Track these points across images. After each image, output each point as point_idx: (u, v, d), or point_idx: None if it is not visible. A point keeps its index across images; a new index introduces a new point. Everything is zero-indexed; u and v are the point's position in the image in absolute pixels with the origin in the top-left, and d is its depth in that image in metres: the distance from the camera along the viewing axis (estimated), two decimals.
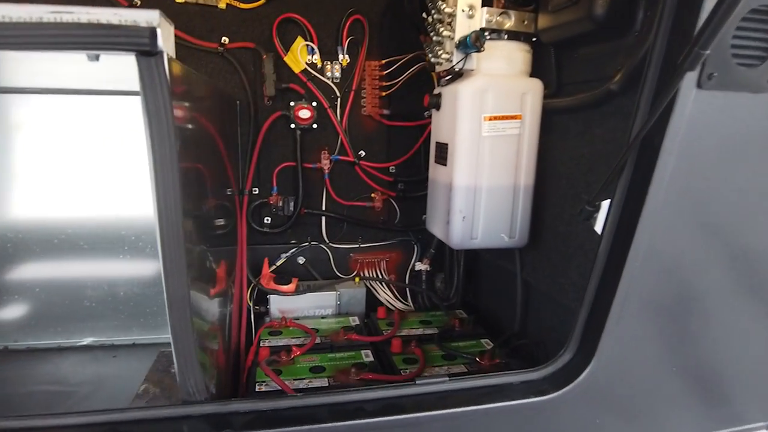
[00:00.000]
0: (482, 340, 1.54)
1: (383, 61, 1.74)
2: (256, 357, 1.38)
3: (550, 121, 1.32)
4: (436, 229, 1.44)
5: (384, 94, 1.76)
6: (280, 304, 1.70)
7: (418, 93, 1.77)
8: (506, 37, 1.26)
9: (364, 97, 1.76)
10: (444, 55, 1.26)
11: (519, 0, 1.26)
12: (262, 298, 1.72)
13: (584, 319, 1.04)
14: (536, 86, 1.28)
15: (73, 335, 1.67)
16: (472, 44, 1.16)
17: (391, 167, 1.83)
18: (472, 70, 1.27)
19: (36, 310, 1.65)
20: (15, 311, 1.66)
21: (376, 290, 1.87)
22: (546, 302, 1.43)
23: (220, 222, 1.42)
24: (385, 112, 1.78)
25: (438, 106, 1.37)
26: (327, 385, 1.26)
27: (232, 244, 1.63)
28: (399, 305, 1.88)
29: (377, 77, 1.74)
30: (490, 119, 1.25)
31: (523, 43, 1.28)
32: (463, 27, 1.23)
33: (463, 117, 1.25)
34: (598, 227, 0.98)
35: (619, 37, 1.06)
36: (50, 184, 1.55)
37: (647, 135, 0.89)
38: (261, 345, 1.47)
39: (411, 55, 1.73)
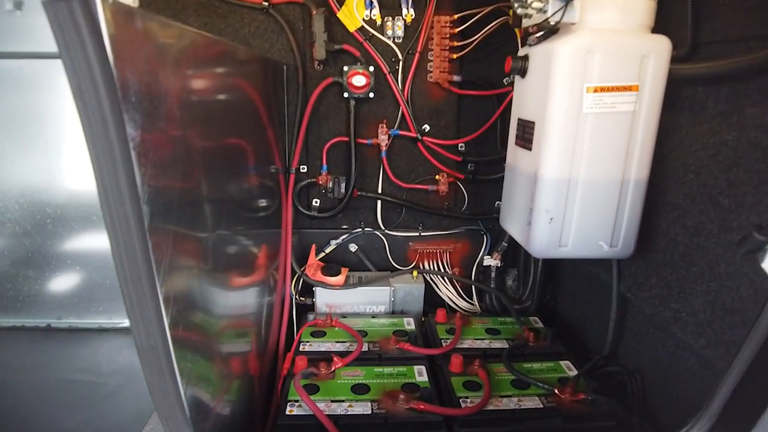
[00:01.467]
0: (562, 363, 1.26)
1: (456, 16, 1.43)
2: (292, 366, 1.20)
3: (676, 94, 0.98)
4: (512, 227, 1.16)
5: (455, 56, 1.46)
6: (327, 298, 1.51)
7: (497, 55, 1.47)
8: None
9: (431, 61, 1.47)
10: (536, 4, 0.95)
11: None
12: (308, 290, 1.53)
13: (733, 387, 0.73)
14: (662, 46, 0.94)
15: (114, 316, 1.59)
16: None
17: (460, 144, 1.55)
18: (573, 23, 0.95)
19: (79, 289, 1.58)
20: (58, 287, 1.59)
21: (436, 285, 1.63)
22: (649, 327, 1.12)
23: (261, 203, 1.23)
24: (456, 78, 1.48)
25: (523, 72, 1.07)
26: (370, 412, 1.05)
27: (275, 227, 1.45)
28: (462, 304, 1.63)
29: (448, 36, 1.44)
30: (596, 90, 0.94)
31: None
32: None
33: (558, 86, 0.94)
34: None
35: None
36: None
37: None
38: (300, 348, 1.29)
39: (490, 8, 1.41)
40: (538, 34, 1.02)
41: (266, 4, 1.41)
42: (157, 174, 0.58)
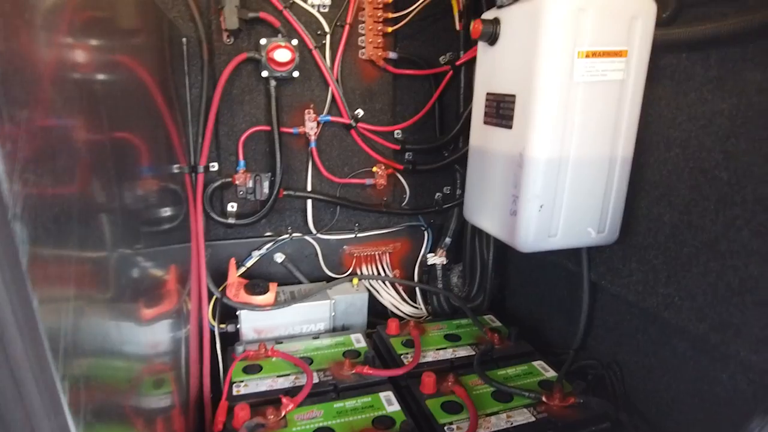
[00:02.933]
0: (535, 363, 1.15)
1: None
2: (229, 419, 0.93)
3: (659, 61, 0.90)
4: (486, 220, 1.01)
5: (390, 30, 1.28)
6: (254, 322, 1.24)
7: (432, 30, 1.32)
8: None
9: (363, 35, 1.28)
10: None
11: None
12: (230, 314, 1.25)
13: None
14: (649, 6, 0.85)
15: None
16: None
17: (396, 132, 1.37)
18: None
19: None
20: None
21: (377, 291, 1.44)
22: (627, 314, 1.05)
23: (163, 212, 0.94)
24: (392, 55, 1.30)
25: (494, 39, 0.92)
26: None
27: (184, 241, 1.15)
28: (408, 309, 1.46)
29: (381, 6, 1.26)
30: (587, 56, 0.82)
31: None
32: None
33: (548, 51, 0.81)
34: None
35: None
36: None
37: None
38: (234, 392, 1.02)
39: None
40: None
41: None
42: (25, 180, 0.32)
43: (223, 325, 1.24)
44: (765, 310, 0.78)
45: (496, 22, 0.91)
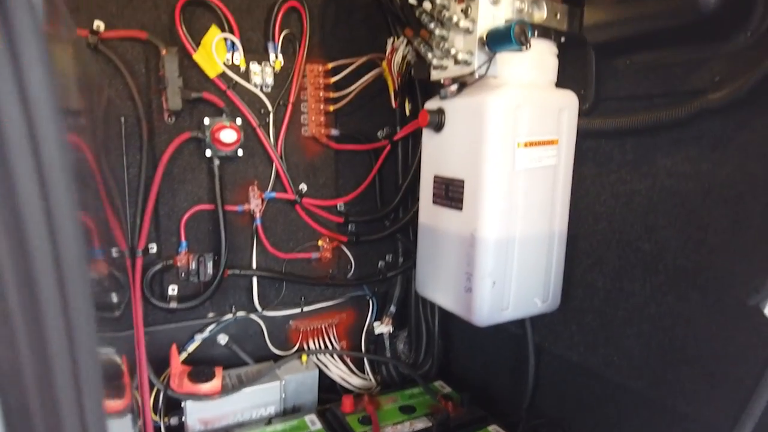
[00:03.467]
0: (490, 428, 1.18)
1: (330, 65, 1.31)
2: None
3: (582, 146, 1.02)
4: (440, 296, 1.05)
5: (331, 108, 1.33)
6: (201, 413, 1.16)
7: (370, 107, 1.39)
8: (536, 33, 0.93)
9: (305, 113, 1.31)
10: (461, 56, 0.89)
11: None
12: (174, 406, 1.16)
13: None
14: (573, 101, 0.97)
15: None
16: (515, 40, 0.81)
17: (339, 204, 1.40)
18: (495, 77, 0.92)
19: None
20: None
21: (326, 366, 1.42)
22: (571, 374, 1.12)
23: (107, 300, 0.87)
24: (334, 132, 1.34)
25: (440, 126, 0.99)
26: None
27: (127, 329, 1.07)
28: (356, 382, 1.44)
29: (322, 86, 1.31)
30: (526, 145, 0.91)
31: (552, 44, 0.97)
32: (487, 17, 0.88)
33: (493, 142, 0.89)
34: None
35: (714, 38, 0.79)
36: None
37: None
38: None
39: (364, 58, 1.33)
40: (454, 87, 0.97)
41: (94, 38, 1.07)
42: None
43: (167, 419, 1.15)
44: (691, 367, 0.88)
45: (440, 112, 0.99)
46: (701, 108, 0.81)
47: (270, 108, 1.26)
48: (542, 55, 0.94)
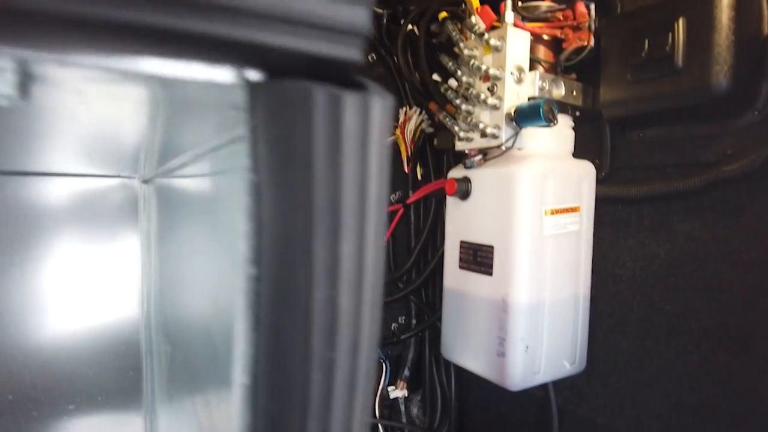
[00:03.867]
0: None
1: None
2: None
3: (599, 212, 1.07)
4: (470, 360, 1.05)
5: None
6: None
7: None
8: (552, 101, 0.99)
9: None
10: (489, 130, 0.94)
11: (562, 64, 1.02)
12: None
13: None
14: (591, 170, 1.03)
15: None
16: (544, 117, 0.87)
17: None
18: (519, 149, 0.97)
19: None
20: None
21: None
22: None
23: None
24: None
25: (466, 195, 1.04)
26: None
27: None
28: None
29: None
30: (552, 213, 0.95)
31: (569, 118, 1.04)
32: (512, 95, 0.94)
33: (523, 210, 0.93)
34: None
35: (725, 116, 0.87)
36: None
37: None
38: None
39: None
40: (479, 157, 1.02)
41: None
42: None
43: None
44: (723, 428, 0.90)
45: (467, 180, 1.03)
46: (716, 178, 0.87)
47: None
48: (561, 128, 1.01)
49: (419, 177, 1.41)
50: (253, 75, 0.26)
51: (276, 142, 0.25)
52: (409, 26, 1.24)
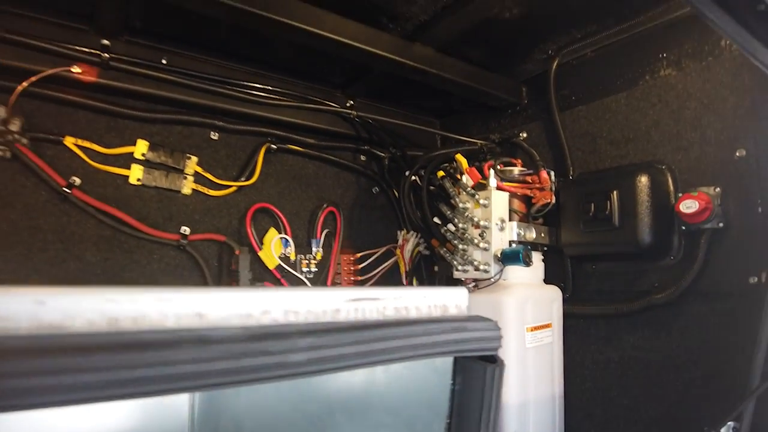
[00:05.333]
0: None
1: (358, 255, 1.65)
2: None
3: (566, 324, 1.36)
4: None
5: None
6: None
7: (386, 284, 1.70)
8: (528, 247, 1.31)
9: None
10: (483, 267, 1.25)
11: (532, 215, 1.35)
12: None
13: None
14: (559, 294, 1.33)
15: None
16: (524, 261, 1.18)
17: None
18: (504, 279, 1.27)
19: None
20: None
21: None
22: None
23: None
24: None
25: None
26: None
27: None
28: None
29: (352, 272, 1.62)
30: (532, 329, 1.24)
31: (539, 253, 1.36)
32: (497, 239, 1.26)
33: (510, 329, 1.21)
34: None
35: (652, 258, 1.20)
36: None
37: None
38: None
39: (384, 248, 1.68)
40: (472, 285, 1.31)
41: (184, 241, 1.35)
42: None
43: None
44: None
45: None
46: (648, 303, 1.19)
47: (308, 286, 1.54)
48: (534, 262, 1.32)
49: None
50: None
51: (462, 392, 0.54)
52: (413, 177, 1.57)
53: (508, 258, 1.21)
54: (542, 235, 1.34)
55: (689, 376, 1.14)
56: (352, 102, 1.65)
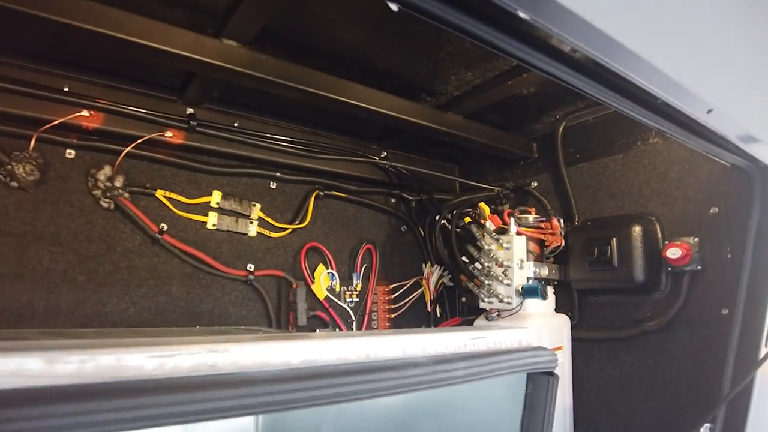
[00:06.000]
0: None
1: (390, 286, 1.89)
2: None
3: (574, 348, 1.62)
4: None
5: (392, 316, 1.88)
6: None
7: (415, 312, 1.95)
8: (543, 283, 1.58)
9: (375, 320, 1.85)
10: (506, 299, 1.50)
11: (545, 255, 1.62)
12: None
13: None
14: (567, 321, 1.59)
15: None
16: (541, 295, 1.44)
17: None
18: (523, 309, 1.53)
19: None
20: None
21: None
22: None
23: None
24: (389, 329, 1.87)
25: None
26: None
27: None
28: None
29: (387, 301, 1.87)
30: None
31: (551, 287, 1.62)
32: (518, 276, 1.52)
33: None
34: None
35: (645, 293, 1.47)
36: None
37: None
38: None
39: (412, 280, 1.93)
40: (496, 314, 1.56)
41: (251, 277, 1.59)
42: None
43: None
44: None
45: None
46: (642, 330, 1.45)
47: (353, 317, 1.78)
48: (544, 295, 1.58)
49: (438, 315, 1.94)
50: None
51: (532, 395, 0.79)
52: (443, 220, 1.84)
53: (528, 293, 1.47)
54: (553, 272, 1.61)
55: (675, 389, 1.40)
56: (385, 153, 1.91)
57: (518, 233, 1.54)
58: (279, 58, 1.27)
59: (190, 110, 1.51)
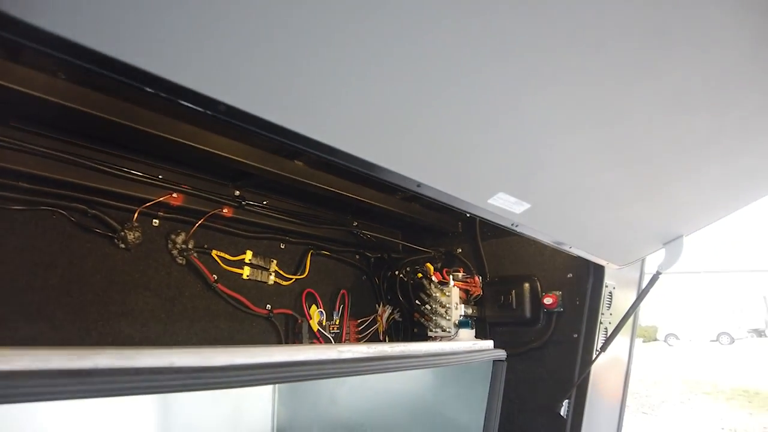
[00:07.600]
0: None
1: (358, 321, 2.57)
2: None
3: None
4: None
5: (361, 339, 2.55)
6: None
7: (371, 341, 2.65)
8: (470, 319, 2.39)
9: None
10: (447, 329, 2.28)
11: (470, 300, 2.45)
12: None
13: None
14: (490, 344, 2.42)
15: None
16: (470, 326, 2.25)
17: None
18: (457, 336, 2.32)
19: None
20: None
21: None
22: None
23: None
24: None
25: None
26: None
27: None
28: None
29: (355, 332, 2.54)
30: None
31: (473, 321, 2.44)
32: (454, 314, 2.32)
33: None
34: (563, 412, 2.10)
35: (531, 325, 2.35)
36: None
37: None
38: None
39: (372, 317, 2.63)
40: (439, 340, 2.34)
41: (271, 314, 2.17)
42: None
43: None
44: None
45: None
46: (529, 348, 2.32)
47: (334, 343, 2.42)
48: (473, 326, 2.40)
49: None
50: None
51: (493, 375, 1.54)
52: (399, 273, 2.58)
53: (461, 325, 2.27)
54: (475, 311, 2.44)
55: (551, 383, 2.28)
56: (356, 223, 2.62)
57: (454, 285, 2.36)
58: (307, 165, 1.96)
59: (237, 192, 2.10)
